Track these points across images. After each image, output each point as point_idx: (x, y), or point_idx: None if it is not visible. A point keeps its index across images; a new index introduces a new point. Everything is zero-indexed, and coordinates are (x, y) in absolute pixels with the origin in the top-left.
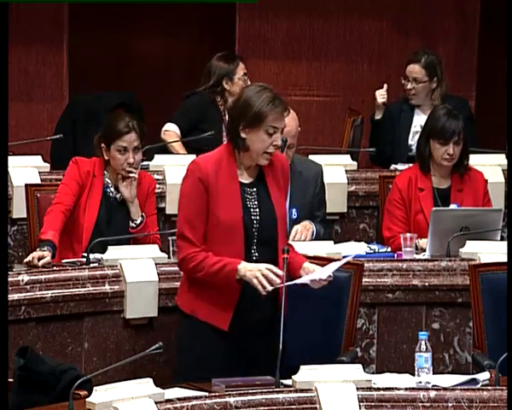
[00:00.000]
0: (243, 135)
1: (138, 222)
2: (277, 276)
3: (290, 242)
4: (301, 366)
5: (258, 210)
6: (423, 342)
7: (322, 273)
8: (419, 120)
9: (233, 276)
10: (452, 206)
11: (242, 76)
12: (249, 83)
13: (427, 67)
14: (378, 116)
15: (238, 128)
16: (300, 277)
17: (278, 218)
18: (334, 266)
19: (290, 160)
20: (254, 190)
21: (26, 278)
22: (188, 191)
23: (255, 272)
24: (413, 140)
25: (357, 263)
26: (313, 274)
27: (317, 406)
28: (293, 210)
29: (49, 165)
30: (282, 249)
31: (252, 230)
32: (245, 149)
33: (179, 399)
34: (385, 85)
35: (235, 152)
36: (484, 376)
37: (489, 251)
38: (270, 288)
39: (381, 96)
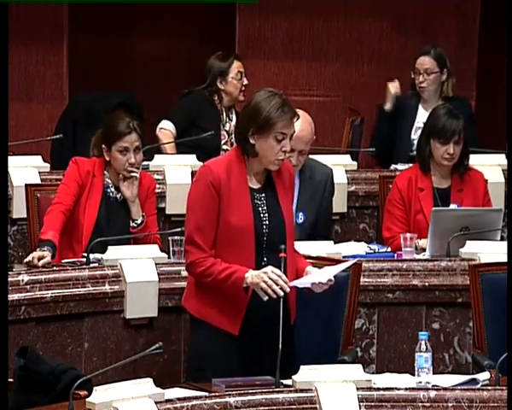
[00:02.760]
0: (252, 141)
1: (139, 222)
2: (285, 282)
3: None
4: (301, 366)
5: (267, 215)
6: (423, 342)
7: (322, 277)
8: (422, 116)
9: (240, 284)
10: (452, 206)
11: (236, 75)
12: (245, 82)
13: (437, 58)
14: (388, 106)
15: (247, 134)
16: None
17: (287, 224)
18: (334, 269)
19: (301, 166)
20: (263, 195)
21: (26, 278)
22: (199, 196)
23: (262, 275)
24: (415, 135)
25: (355, 262)
26: (312, 277)
27: (317, 406)
28: (300, 214)
29: (49, 165)
30: (280, 248)
31: (262, 235)
32: (254, 154)
33: (179, 399)
34: (396, 80)
35: (244, 157)
36: (484, 376)
37: (489, 251)
38: (281, 294)
39: (394, 86)
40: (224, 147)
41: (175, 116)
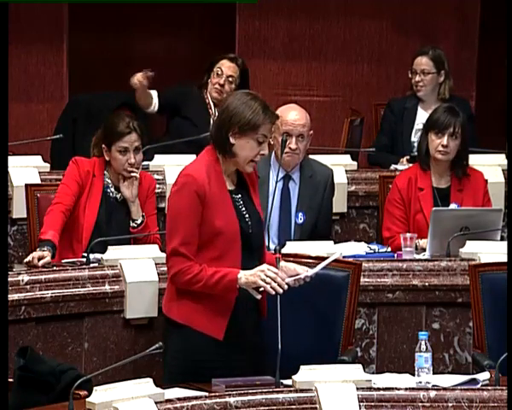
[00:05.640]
0: (232, 140)
1: (139, 222)
2: (282, 279)
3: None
4: (301, 366)
5: (248, 216)
6: (423, 342)
7: (308, 272)
8: (422, 117)
9: (233, 286)
10: (452, 206)
11: (216, 70)
12: (221, 81)
13: (435, 59)
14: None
15: (228, 134)
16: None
17: (263, 223)
18: (320, 265)
19: (302, 154)
20: (239, 196)
21: (26, 278)
22: (184, 207)
23: (259, 274)
24: (415, 137)
25: (354, 262)
26: (302, 273)
27: (317, 406)
28: (300, 214)
29: (49, 165)
30: (274, 249)
31: (247, 236)
32: (231, 155)
33: (179, 399)
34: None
35: (219, 158)
36: (484, 376)
37: (489, 251)
38: (280, 291)
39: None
40: None
41: (164, 91)
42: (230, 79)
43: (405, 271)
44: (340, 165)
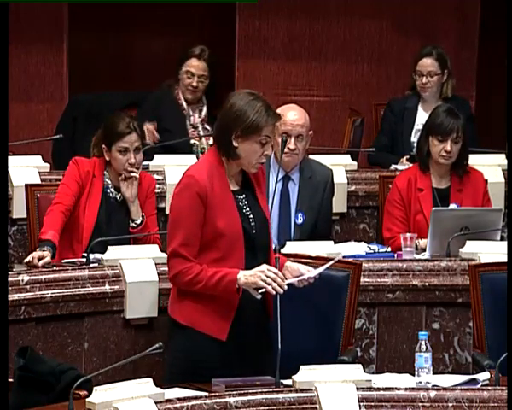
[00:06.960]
0: (235, 144)
1: (139, 222)
2: (282, 279)
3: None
4: (301, 366)
5: (252, 216)
6: (423, 342)
7: (311, 272)
8: (422, 117)
9: (233, 286)
10: (452, 206)
11: (186, 73)
12: (194, 84)
13: (439, 59)
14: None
15: (230, 136)
16: (285, 276)
17: (268, 222)
18: (324, 266)
19: (301, 155)
20: (243, 196)
21: (26, 278)
22: (185, 208)
23: (259, 274)
24: (415, 137)
25: (354, 262)
26: (304, 274)
27: (317, 406)
28: (300, 214)
29: (49, 165)
30: (274, 249)
31: (251, 237)
32: (235, 157)
33: (179, 399)
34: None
35: (222, 160)
36: (484, 376)
37: (489, 251)
38: (281, 291)
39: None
40: (192, 141)
41: (142, 108)
42: (202, 78)
43: (405, 271)
44: (340, 165)
